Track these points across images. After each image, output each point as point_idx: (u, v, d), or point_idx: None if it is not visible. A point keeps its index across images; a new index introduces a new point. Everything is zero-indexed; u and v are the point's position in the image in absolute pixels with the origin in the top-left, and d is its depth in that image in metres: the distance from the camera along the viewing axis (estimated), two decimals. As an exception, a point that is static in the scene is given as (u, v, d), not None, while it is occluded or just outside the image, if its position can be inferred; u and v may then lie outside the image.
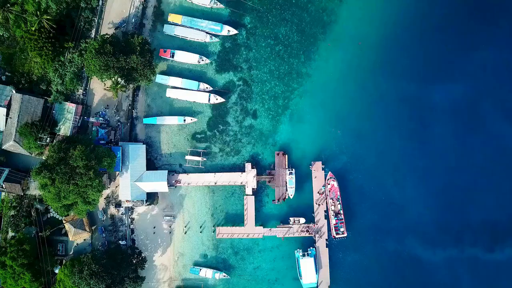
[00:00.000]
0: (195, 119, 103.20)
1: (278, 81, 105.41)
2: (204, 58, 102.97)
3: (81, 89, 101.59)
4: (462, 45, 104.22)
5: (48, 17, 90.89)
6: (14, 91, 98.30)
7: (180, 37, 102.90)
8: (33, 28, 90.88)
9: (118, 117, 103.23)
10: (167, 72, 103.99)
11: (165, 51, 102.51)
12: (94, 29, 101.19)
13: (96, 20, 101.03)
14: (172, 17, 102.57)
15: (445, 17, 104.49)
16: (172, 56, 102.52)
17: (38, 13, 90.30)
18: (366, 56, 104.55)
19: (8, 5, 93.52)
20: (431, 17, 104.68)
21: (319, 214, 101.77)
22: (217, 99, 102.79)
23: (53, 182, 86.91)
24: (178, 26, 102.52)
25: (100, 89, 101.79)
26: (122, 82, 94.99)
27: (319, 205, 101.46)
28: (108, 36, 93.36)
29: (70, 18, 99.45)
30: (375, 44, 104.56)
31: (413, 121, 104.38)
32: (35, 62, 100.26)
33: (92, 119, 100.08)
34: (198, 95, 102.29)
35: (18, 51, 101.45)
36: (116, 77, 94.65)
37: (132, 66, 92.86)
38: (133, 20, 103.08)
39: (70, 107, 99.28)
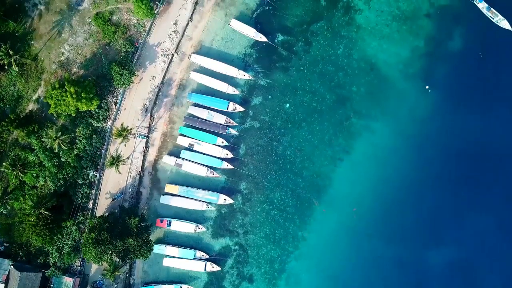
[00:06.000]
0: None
1: (274, 245, 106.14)
2: (201, 226, 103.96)
3: (78, 260, 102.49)
4: (457, 209, 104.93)
5: (46, 212, 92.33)
6: (12, 267, 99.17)
7: (177, 206, 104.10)
8: (31, 219, 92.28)
9: (116, 285, 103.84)
10: (164, 240, 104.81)
11: (161, 221, 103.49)
12: (92, 201, 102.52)
13: (94, 192, 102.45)
14: (168, 188, 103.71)
15: (439, 182, 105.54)
16: (169, 224, 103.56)
17: (35, 209, 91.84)
18: (361, 220, 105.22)
19: (7, 197, 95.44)
20: (425, 181, 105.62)
21: None
22: (213, 267, 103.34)
23: None
24: (175, 197, 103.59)
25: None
26: (119, 263, 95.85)
27: None
28: (105, 222, 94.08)
29: (68, 196, 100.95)
30: (370, 209, 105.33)
31: (409, 285, 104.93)
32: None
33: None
34: (195, 264, 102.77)
35: (16, 222, 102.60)
36: (113, 257, 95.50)
37: (128, 248, 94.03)
38: (130, 190, 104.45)
39: (68, 281, 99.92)
